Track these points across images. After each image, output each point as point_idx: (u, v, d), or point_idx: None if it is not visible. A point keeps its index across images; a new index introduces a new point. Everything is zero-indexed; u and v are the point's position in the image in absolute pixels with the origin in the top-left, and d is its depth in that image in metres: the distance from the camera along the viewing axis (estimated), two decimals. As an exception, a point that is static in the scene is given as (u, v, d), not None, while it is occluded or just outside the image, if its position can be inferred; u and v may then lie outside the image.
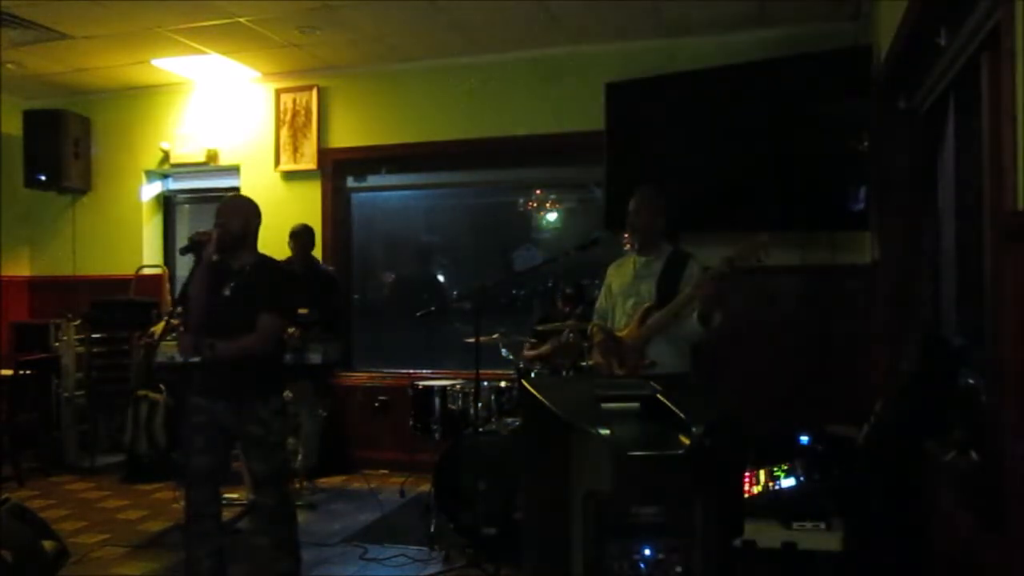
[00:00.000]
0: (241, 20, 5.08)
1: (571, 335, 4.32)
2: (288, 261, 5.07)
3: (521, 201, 6.22)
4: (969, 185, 2.94)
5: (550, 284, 5.62)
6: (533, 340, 4.85)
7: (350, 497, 5.20)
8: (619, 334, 3.49)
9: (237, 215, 3.40)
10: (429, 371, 5.88)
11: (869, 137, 4.22)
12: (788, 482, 3.24)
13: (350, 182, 6.38)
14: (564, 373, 4.34)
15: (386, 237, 6.63)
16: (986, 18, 2.43)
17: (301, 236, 5.27)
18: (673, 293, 3.38)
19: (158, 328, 5.25)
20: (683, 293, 3.33)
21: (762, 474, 3.31)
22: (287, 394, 4.68)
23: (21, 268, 6.94)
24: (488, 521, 3.91)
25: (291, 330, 4.29)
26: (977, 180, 2.66)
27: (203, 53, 5.72)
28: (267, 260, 3.55)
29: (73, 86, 6.49)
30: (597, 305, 3.78)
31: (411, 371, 5.95)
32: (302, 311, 4.39)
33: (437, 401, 4.51)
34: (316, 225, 6.09)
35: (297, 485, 5.02)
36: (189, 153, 6.50)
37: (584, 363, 3.96)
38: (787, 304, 5.09)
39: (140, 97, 6.64)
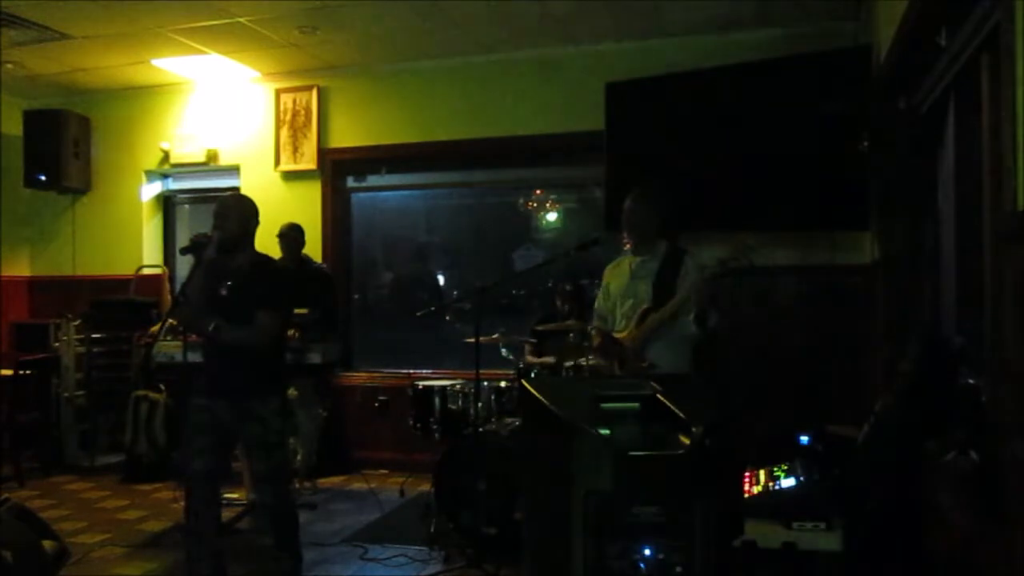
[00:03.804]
0: (241, 20, 5.08)
1: (572, 336, 4.32)
2: (280, 261, 5.05)
3: (521, 201, 6.22)
4: (969, 185, 2.94)
5: (550, 284, 5.62)
6: (533, 340, 4.85)
7: (350, 497, 5.21)
8: (619, 335, 3.49)
9: (235, 214, 3.40)
10: (429, 371, 5.88)
11: (869, 137, 4.21)
12: (788, 482, 3.24)
13: (350, 182, 6.38)
14: (564, 373, 4.34)
15: (386, 237, 6.64)
16: (986, 18, 2.43)
17: (289, 235, 5.22)
18: (670, 292, 3.39)
19: (158, 328, 5.25)
20: (678, 295, 3.33)
21: (762, 474, 3.31)
22: (292, 392, 4.69)
23: (21, 268, 6.94)
24: (488, 521, 3.91)
25: (290, 332, 4.29)
26: (977, 180, 2.66)
27: (203, 53, 5.72)
28: (264, 259, 3.55)
29: (73, 86, 6.49)
30: (596, 306, 3.78)
31: (411, 371, 5.95)
32: (301, 311, 4.39)
33: (437, 401, 4.51)
34: (316, 225, 6.13)
35: (297, 485, 5.02)
36: (189, 153, 6.50)
37: (584, 363, 3.96)
38: (787, 304, 5.09)
39: (140, 97, 6.64)
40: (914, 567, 2.81)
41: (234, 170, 6.46)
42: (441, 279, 6.62)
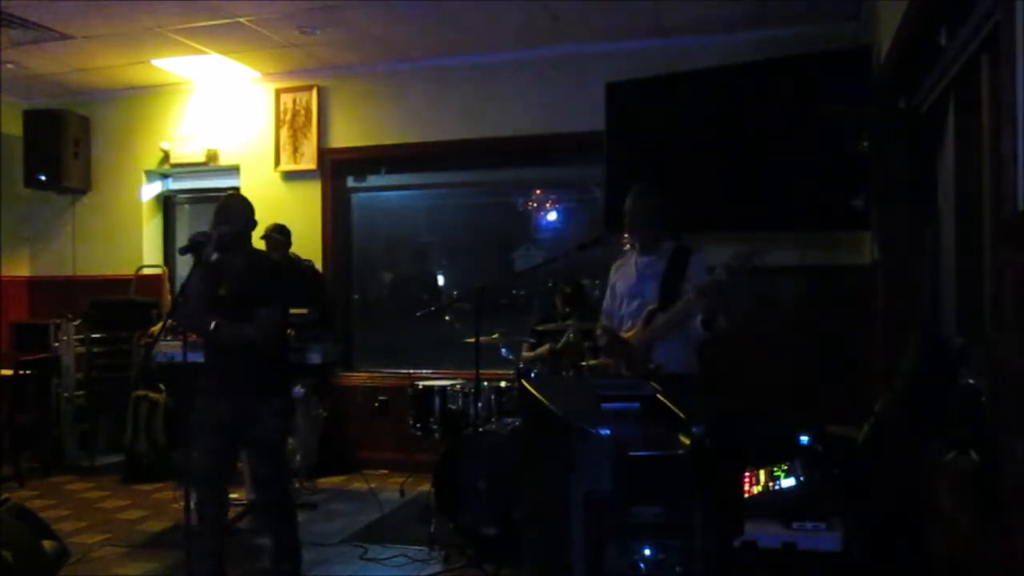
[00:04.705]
0: (241, 20, 5.08)
1: (571, 335, 4.32)
2: None
3: (521, 201, 6.22)
4: (969, 185, 2.94)
5: (550, 284, 5.62)
6: (533, 340, 4.85)
7: (350, 497, 5.21)
8: (625, 335, 3.48)
9: (236, 214, 3.41)
10: (429, 371, 5.88)
11: (869, 137, 4.21)
12: (788, 482, 3.24)
13: (350, 182, 6.38)
14: (564, 373, 4.34)
15: (386, 237, 6.64)
16: (986, 18, 2.43)
17: (272, 236, 5.09)
18: (676, 292, 3.37)
19: (158, 328, 5.25)
20: (684, 299, 3.31)
21: (762, 474, 3.30)
22: (298, 390, 4.69)
23: (21, 268, 6.94)
24: (488, 521, 3.91)
25: (288, 331, 4.29)
26: (977, 180, 2.66)
27: (203, 53, 5.73)
28: (262, 258, 3.57)
29: (73, 86, 6.49)
30: (604, 306, 3.77)
31: (411, 371, 5.95)
32: (299, 311, 4.39)
33: (437, 401, 4.51)
34: (316, 225, 6.15)
35: (297, 485, 5.02)
36: (189, 153, 6.50)
37: (584, 363, 3.96)
38: (787, 304, 5.09)
39: (140, 97, 6.64)
40: (914, 567, 2.81)
41: (234, 170, 6.46)
42: (441, 279, 6.62)
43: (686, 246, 3.54)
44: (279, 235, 5.16)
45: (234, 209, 3.42)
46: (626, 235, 3.82)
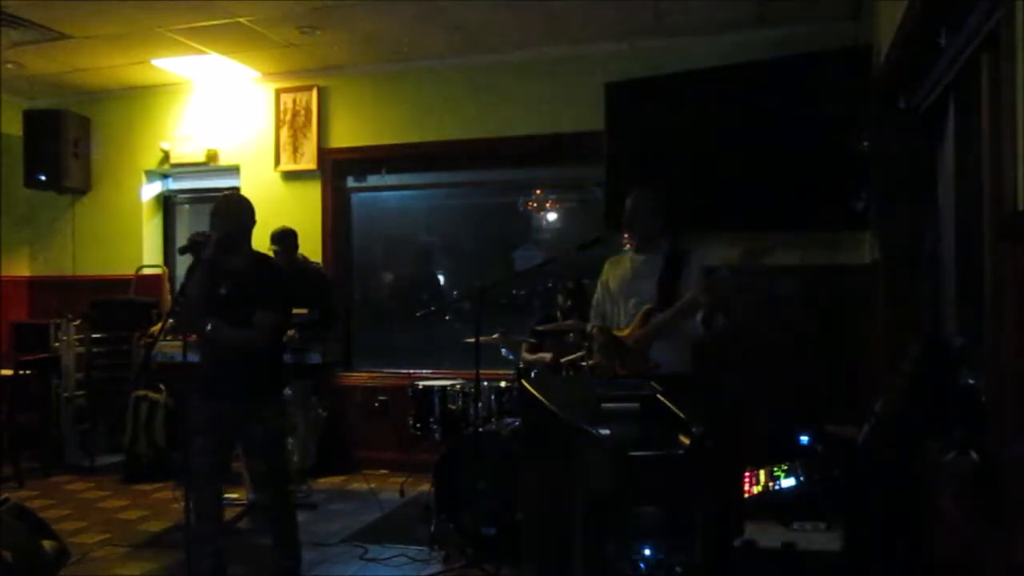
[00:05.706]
0: (241, 20, 5.08)
1: (571, 336, 4.32)
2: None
3: (521, 201, 6.22)
4: (969, 185, 2.94)
5: (550, 284, 5.62)
6: (533, 340, 4.85)
7: (350, 497, 5.21)
8: (621, 334, 3.48)
9: (232, 214, 3.40)
10: (429, 371, 5.88)
11: (869, 137, 4.21)
12: (788, 482, 3.24)
13: (350, 182, 6.38)
14: (564, 373, 4.34)
15: (386, 237, 6.63)
16: (986, 18, 2.42)
17: (282, 241, 5.03)
18: (673, 292, 3.38)
19: (158, 328, 5.25)
20: (685, 296, 3.31)
21: (762, 474, 3.31)
22: (286, 392, 4.68)
23: (21, 268, 6.94)
24: (488, 521, 3.91)
25: (290, 332, 4.28)
26: (977, 180, 2.66)
27: (203, 53, 5.72)
28: (263, 259, 3.56)
29: (73, 86, 6.49)
30: (594, 303, 3.76)
31: (411, 371, 5.95)
32: (300, 311, 4.38)
33: (437, 401, 4.51)
34: (316, 225, 6.14)
35: (295, 485, 5.02)
36: (189, 153, 6.50)
37: (584, 363, 3.96)
38: (787, 304, 5.08)
39: (140, 97, 6.64)
40: (914, 567, 2.81)
41: (234, 170, 6.46)
42: (441, 279, 6.62)
43: (683, 246, 3.55)
44: (278, 245, 5.00)
45: (229, 209, 3.41)
46: (625, 235, 3.83)
